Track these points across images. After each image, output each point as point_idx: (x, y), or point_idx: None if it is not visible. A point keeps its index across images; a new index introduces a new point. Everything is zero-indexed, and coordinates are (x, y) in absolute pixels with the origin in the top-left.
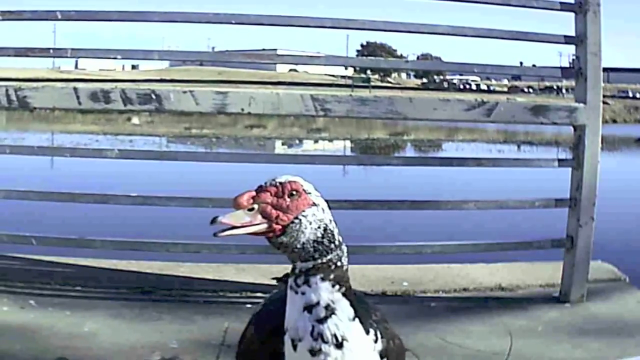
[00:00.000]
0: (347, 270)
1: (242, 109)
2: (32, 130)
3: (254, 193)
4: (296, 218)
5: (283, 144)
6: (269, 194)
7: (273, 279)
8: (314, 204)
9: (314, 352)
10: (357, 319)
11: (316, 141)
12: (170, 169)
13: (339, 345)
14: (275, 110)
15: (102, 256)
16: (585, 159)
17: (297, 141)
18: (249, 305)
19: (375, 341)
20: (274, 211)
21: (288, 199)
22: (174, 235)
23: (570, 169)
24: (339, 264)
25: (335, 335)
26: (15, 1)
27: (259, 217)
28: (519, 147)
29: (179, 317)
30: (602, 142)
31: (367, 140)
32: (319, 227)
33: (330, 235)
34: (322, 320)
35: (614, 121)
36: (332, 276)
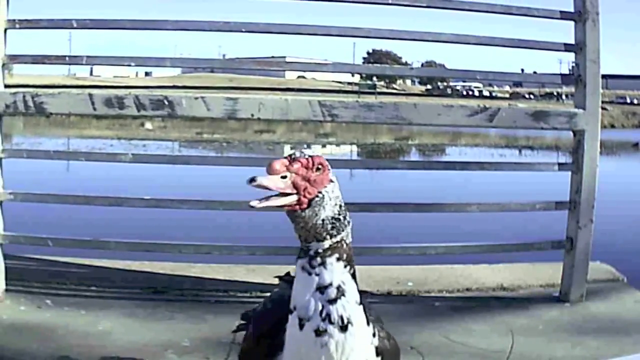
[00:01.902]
0: (352, 248)
1: (252, 115)
2: (49, 135)
3: (287, 162)
4: (319, 192)
5: (292, 149)
6: (300, 164)
7: (276, 277)
8: (332, 180)
9: (319, 332)
10: (361, 305)
11: (324, 146)
12: (182, 172)
13: (344, 328)
14: (284, 116)
15: (116, 257)
16: (584, 163)
17: (305, 146)
18: None
19: (374, 335)
20: (302, 183)
21: (315, 173)
22: (186, 237)
23: (569, 173)
24: (348, 241)
25: (342, 317)
26: (32, 10)
27: (290, 186)
28: (520, 151)
29: (191, 316)
30: (600, 147)
31: (373, 145)
32: (336, 204)
33: (344, 212)
34: (332, 301)
35: (612, 126)
36: (345, 256)
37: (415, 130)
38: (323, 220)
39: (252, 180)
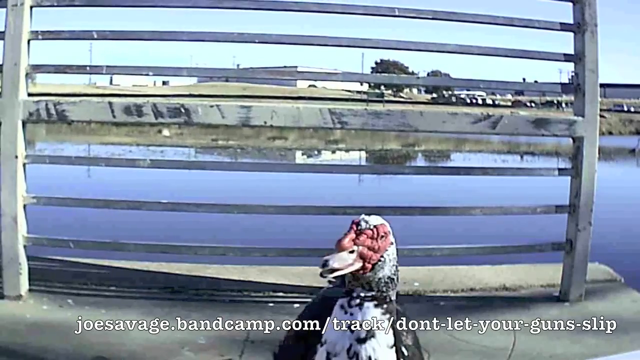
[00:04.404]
0: (395, 304)
1: (265, 122)
2: (70, 141)
3: (354, 235)
4: (382, 257)
5: (303, 155)
6: (366, 236)
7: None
8: (392, 243)
9: None
10: (394, 348)
11: (334, 152)
12: (198, 177)
13: None
14: (296, 123)
15: (135, 258)
16: (583, 168)
17: (316, 152)
18: (271, 304)
19: None
20: (369, 253)
21: (380, 241)
22: (202, 239)
23: (569, 178)
24: (391, 299)
25: (369, 358)
26: (54, 22)
27: (358, 258)
28: (521, 157)
29: (206, 315)
30: (599, 153)
31: (380, 151)
32: (393, 265)
33: (397, 271)
34: (361, 341)
35: (610, 133)
36: (384, 306)
37: (421, 137)
38: (380, 278)
39: (325, 265)
